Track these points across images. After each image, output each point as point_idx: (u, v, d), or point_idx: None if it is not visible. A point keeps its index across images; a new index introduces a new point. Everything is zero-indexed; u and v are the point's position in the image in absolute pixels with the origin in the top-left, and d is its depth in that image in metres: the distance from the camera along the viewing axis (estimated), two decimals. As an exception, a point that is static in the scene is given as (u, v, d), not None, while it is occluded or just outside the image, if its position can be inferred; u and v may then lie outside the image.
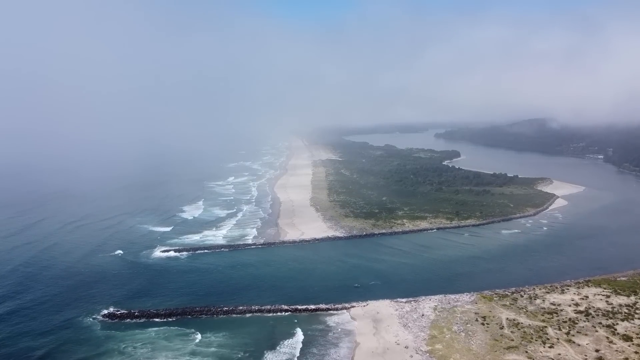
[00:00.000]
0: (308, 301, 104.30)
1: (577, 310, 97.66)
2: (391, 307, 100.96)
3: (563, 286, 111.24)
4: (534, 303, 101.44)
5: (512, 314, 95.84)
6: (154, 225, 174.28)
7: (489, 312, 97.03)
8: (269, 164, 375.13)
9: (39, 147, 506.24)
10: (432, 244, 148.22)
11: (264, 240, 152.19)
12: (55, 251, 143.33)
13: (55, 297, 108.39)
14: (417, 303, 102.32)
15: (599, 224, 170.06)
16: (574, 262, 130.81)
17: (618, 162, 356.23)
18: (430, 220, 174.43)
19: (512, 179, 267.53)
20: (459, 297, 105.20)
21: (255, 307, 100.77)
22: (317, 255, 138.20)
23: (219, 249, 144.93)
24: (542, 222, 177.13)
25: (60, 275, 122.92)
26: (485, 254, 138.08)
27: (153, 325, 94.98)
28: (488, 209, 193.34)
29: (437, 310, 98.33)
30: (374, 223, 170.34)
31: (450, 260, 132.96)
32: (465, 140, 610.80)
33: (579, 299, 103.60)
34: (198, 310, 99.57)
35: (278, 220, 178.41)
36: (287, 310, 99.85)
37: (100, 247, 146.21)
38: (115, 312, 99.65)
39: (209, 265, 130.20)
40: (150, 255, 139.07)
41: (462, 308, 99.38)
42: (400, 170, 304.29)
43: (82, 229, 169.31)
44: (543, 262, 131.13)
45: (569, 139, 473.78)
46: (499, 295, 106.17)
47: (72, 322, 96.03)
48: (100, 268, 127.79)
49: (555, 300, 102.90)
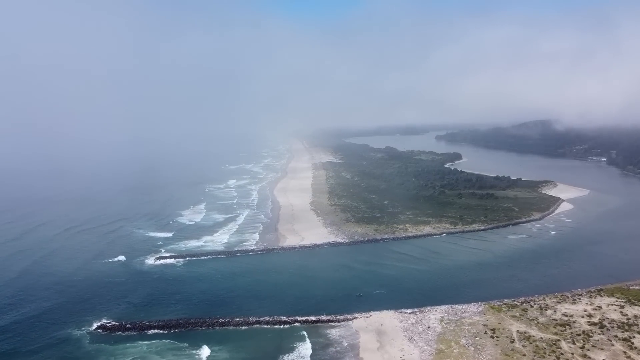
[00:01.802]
0: (308, 312, 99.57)
1: (590, 322, 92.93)
2: (395, 318, 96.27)
3: (574, 295, 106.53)
4: (545, 314, 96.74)
5: (523, 326, 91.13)
6: (150, 230, 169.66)
7: (498, 324, 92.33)
8: (270, 166, 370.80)
9: (36, 148, 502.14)
10: (436, 250, 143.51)
11: (262, 247, 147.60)
12: (46, 259, 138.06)
13: (45, 309, 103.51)
14: (422, 314, 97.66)
15: (608, 229, 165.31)
16: (584, 269, 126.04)
17: (622, 165, 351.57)
18: (433, 225, 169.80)
19: (516, 182, 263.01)
20: (466, 307, 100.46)
21: (252, 319, 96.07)
22: (318, 262, 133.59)
23: (216, 255, 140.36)
24: (549, 226, 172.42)
25: (50, 284, 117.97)
26: (492, 261, 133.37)
27: (145, 338, 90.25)
28: (492, 213, 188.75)
29: (443, 322, 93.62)
30: (376, 228, 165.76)
31: (455, 267, 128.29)
32: (467, 142, 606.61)
33: (592, 309, 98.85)
34: (192, 322, 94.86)
35: (277, 225, 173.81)
36: (286, 322, 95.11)
37: (94, 255, 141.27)
38: (107, 324, 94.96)
39: (206, 273, 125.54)
40: (145, 262, 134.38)
41: (469, 319, 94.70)
42: (402, 173, 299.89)
43: (77, 236, 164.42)
44: (552, 269, 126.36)
45: (571, 141, 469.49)
46: (508, 305, 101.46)
47: (61, 335, 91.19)
48: (93, 276, 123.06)
49: (567, 311, 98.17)
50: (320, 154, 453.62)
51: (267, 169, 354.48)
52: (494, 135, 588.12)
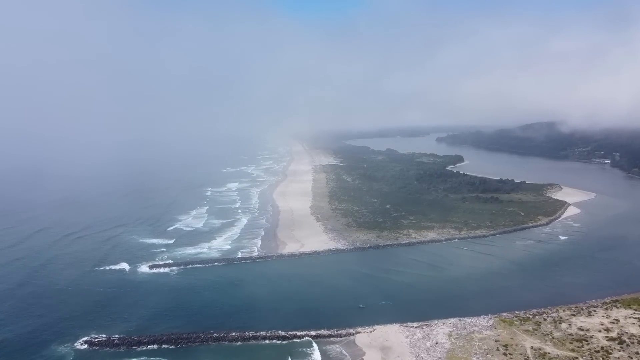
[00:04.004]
0: (308, 325, 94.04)
1: (608, 337, 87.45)
2: (401, 332, 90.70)
3: (589, 307, 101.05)
4: (560, 328, 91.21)
5: (537, 342, 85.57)
6: (147, 237, 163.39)
7: (510, 340, 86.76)
8: (269, 169, 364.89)
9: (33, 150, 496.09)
10: (441, 257, 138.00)
11: (261, 254, 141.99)
12: (40, 269, 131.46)
13: (29, 321, 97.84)
14: (429, 328, 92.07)
15: (619, 234, 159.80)
16: (597, 277, 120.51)
17: (626, 167, 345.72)
18: (437, 231, 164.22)
19: (520, 185, 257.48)
20: (476, 320, 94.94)
21: (249, 334, 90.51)
22: (318, 270, 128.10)
23: (212, 263, 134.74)
24: (557, 231, 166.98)
25: (37, 295, 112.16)
26: (501, 269, 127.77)
27: (134, 354, 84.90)
28: (498, 217, 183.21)
29: (452, 337, 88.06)
30: (378, 234, 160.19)
31: (462, 276, 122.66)
32: (468, 144, 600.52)
33: (609, 322, 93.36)
34: (185, 337, 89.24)
35: (277, 230, 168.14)
36: (284, 337, 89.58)
37: (87, 263, 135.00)
38: (94, 339, 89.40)
39: (201, 282, 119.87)
40: (139, 271, 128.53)
41: (480, 334, 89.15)
42: (404, 176, 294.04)
43: (68, 243, 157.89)
44: (564, 277, 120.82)
45: (574, 143, 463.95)
46: (520, 318, 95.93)
47: (44, 352, 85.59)
48: (83, 286, 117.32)
49: (583, 324, 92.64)
50: (320, 156, 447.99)
51: (267, 172, 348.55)
52: (496, 137, 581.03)
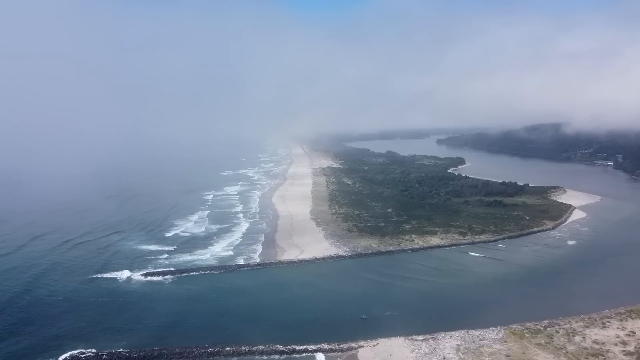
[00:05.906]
0: (307, 338, 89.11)
1: (626, 350, 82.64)
2: (406, 347, 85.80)
3: (603, 318, 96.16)
4: (573, 341, 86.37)
5: (551, 357, 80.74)
6: (143, 243, 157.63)
7: (522, 354, 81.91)
8: (269, 172, 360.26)
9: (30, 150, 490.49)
10: (445, 264, 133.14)
11: (258, 261, 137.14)
12: (35, 279, 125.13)
13: (11, 335, 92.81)
14: (436, 341, 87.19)
15: (629, 239, 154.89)
16: (610, 286, 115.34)
17: (630, 169, 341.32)
18: (441, 236, 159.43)
19: (523, 188, 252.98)
20: (485, 333, 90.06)
21: (245, 348, 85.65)
22: (318, 278, 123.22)
23: (208, 270, 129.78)
24: (564, 236, 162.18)
25: (20, 305, 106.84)
26: (508, 277, 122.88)
27: (123, 372, 79.91)
28: (503, 222, 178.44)
29: (460, 352, 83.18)
30: (380, 239, 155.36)
31: (468, 284, 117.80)
32: (468, 146, 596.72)
33: (625, 335, 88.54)
34: (177, 352, 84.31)
35: (275, 236, 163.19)
36: (282, 352, 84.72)
37: (73, 270, 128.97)
38: (80, 355, 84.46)
39: (197, 291, 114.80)
40: (132, 279, 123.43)
41: (489, 348, 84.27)
42: (405, 179, 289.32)
43: (60, 251, 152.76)
44: (575, 285, 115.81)
45: (577, 145, 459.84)
46: (531, 330, 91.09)
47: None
48: (71, 296, 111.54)
49: (598, 337, 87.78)
50: (320, 159, 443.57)
51: (268, 175, 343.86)
52: (497, 139, 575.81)
